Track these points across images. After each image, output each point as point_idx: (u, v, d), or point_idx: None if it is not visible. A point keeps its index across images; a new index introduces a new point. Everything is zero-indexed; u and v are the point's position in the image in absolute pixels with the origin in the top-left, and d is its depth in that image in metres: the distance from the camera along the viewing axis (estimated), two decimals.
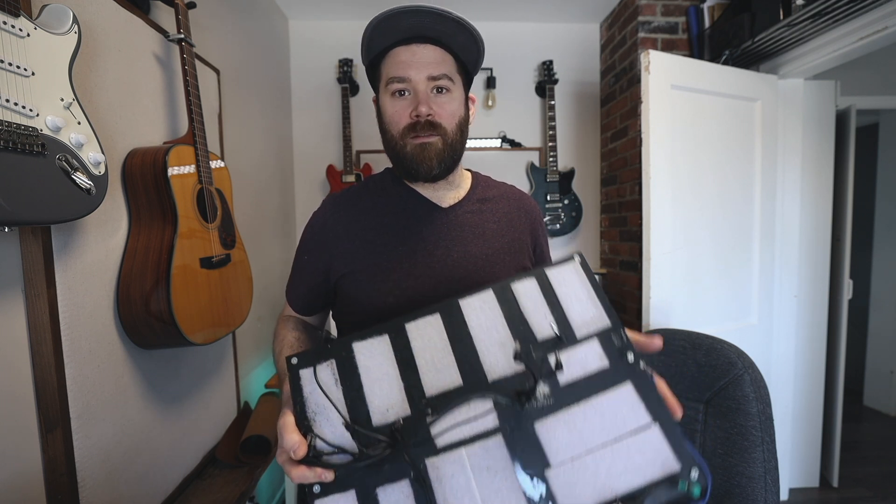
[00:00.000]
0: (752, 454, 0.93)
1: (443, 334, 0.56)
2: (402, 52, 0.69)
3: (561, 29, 2.36)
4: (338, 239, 0.75)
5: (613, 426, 0.48)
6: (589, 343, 0.54)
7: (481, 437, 0.49)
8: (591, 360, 0.53)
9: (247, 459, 1.37)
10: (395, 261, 0.72)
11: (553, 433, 0.49)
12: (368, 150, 2.30)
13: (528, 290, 0.58)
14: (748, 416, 0.95)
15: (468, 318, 0.56)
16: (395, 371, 0.54)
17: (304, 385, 0.54)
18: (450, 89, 0.71)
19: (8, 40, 0.67)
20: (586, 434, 0.48)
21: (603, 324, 0.55)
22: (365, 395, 0.53)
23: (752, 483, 0.92)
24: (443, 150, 0.71)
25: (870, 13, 1.35)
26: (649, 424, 0.48)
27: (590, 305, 0.56)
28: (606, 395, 0.50)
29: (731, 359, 1.02)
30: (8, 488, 0.75)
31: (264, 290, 1.79)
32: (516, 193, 0.86)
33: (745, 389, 0.97)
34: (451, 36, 0.69)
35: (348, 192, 0.81)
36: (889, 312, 2.87)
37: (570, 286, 0.58)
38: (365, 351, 0.55)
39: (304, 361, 0.55)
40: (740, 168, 1.73)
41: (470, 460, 0.48)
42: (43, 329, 0.80)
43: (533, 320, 0.56)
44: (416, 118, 0.69)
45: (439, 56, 0.70)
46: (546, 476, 0.46)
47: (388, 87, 0.70)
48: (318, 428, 0.51)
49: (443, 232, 0.74)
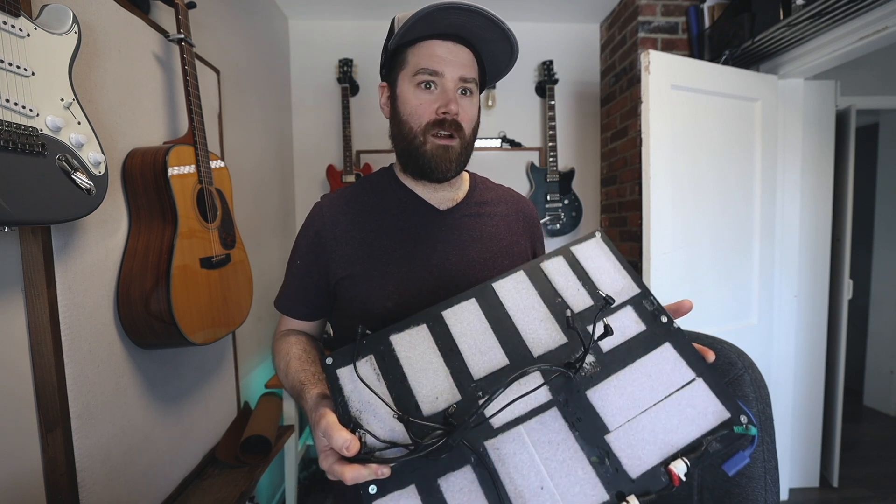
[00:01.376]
0: (752, 454, 0.93)
1: (482, 317, 0.56)
2: (439, 47, 0.68)
3: (561, 29, 2.36)
4: (336, 241, 0.73)
5: (661, 385, 0.50)
6: (624, 310, 0.56)
7: (536, 411, 0.49)
8: (629, 325, 0.54)
9: (247, 459, 1.37)
10: (393, 265, 0.71)
11: (606, 399, 0.50)
12: (368, 150, 2.30)
13: (557, 267, 0.60)
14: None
15: (504, 300, 0.57)
16: (439, 359, 0.54)
17: (343, 384, 0.52)
18: (473, 93, 0.71)
19: (8, 40, 0.67)
20: (637, 396, 0.50)
21: (633, 291, 0.57)
22: (411, 386, 0.52)
23: (752, 483, 0.92)
24: (460, 154, 0.71)
25: (870, 13, 1.35)
26: (694, 379, 0.50)
27: (618, 276, 0.59)
28: (649, 357, 0.52)
29: (731, 359, 1.02)
30: (8, 488, 0.75)
31: (264, 290, 1.79)
32: (514, 196, 0.85)
33: (745, 389, 0.97)
34: (489, 44, 0.69)
35: (345, 192, 0.79)
36: (889, 312, 2.87)
37: (596, 260, 0.60)
38: (404, 342, 0.55)
39: (341, 360, 0.54)
40: (740, 168, 1.73)
41: (530, 436, 0.48)
42: (43, 329, 0.80)
43: (567, 295, 0.57)
44: (443, 115, 0.68)
45: (471, 59, 0.70)
46: (607, 440, 0.47)
47: (416, 76, 0.68)
48: (367, 424, 0.49)
49: (440, 235, 0.74)
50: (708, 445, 0.45)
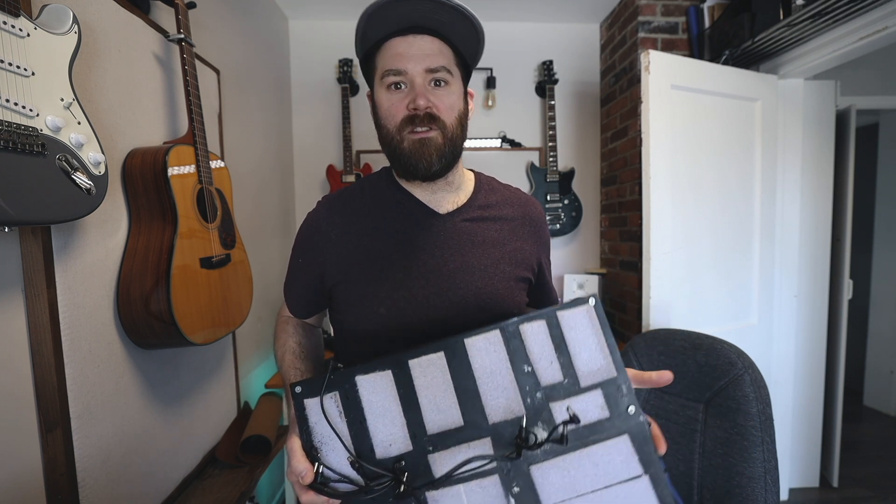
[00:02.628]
0: (752, 454, 0.93)
1: (446, 374, 0.56)
2: (398, 44, 0.66)
3: (561, 29, 2.36)
4: (331, 244, 0.72)
5: (605, 475, 0.52)
6: (592, 393, 0.55)
7: (478, 475, 0.53)
8: (592, 410, 0.54)
9: (247, 459, 1.37)
10: (389, 270, 0.69)
11: (547, 476, 0.52)
12: (368, 150, 2.30)
13: (536, 332, 0.57)
14: (748, 416, 0.95)
15: (472, 359, 0.57)
16: (398, 408, 0.56)
17: (309, 415, 0.56)
18: (448, 82, 0.67)
19: (8, 40, 0.67)
20: (579, 480, 0.52)
21: (609, 375, 0.55)
22: (369, 429, 0.55)
23: (752, 483, 0.92)
24: (443, 145, 0.67)
25: (870, 13, 1.35)
26: (640, 475, 0.51)
27: (598, 355, 0.56)
28: (602, 445, 0.53)
29: (731, 359, 1.02)
30: (8, 488, 0.75)
31: (264, 290, 1.79)
32: (522, 199, 0.82)
33: (745, 389, 0.97)
34: (450, 25, 0.66)
35: (343, 193, 0.78)
36: (889, 312, 2.87)
37: (581, 331, 0.57)
38: (368, 385, 0.56)
39: (309, 391, 0.57)
40: (740, 168, 1.72)
41: (467, 497, 0.52)
42: (43, 329, 0.80)
43: (539, 366, 0.56)
44: (413, 111, 0.65)
45: (437, 47, 0.66)
46: None
47: (384, 80, 0.67)
48: (325, 457, 0.54)
49: (439, 240, 0.71)
50: None
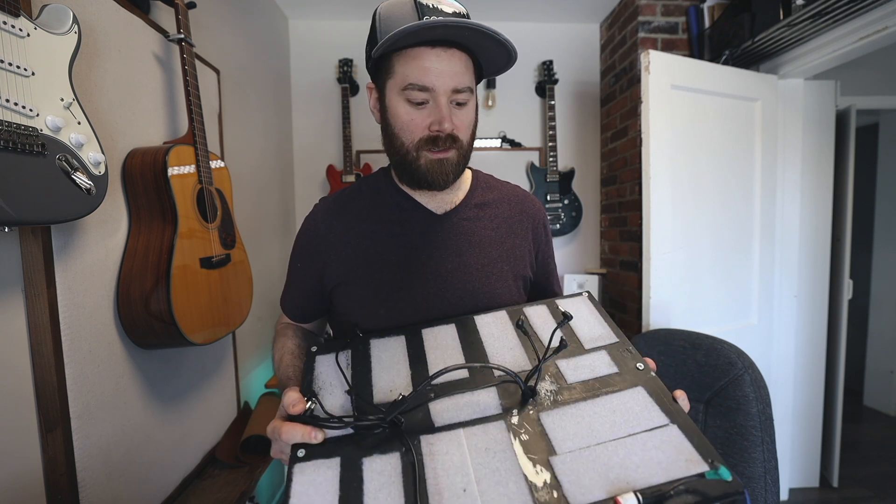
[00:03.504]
0: (752, 454, 0.93)
1: (455, 338, 0.60)
2: (427, 57, 0.61)
3: (561, 29, 2.36)
4: (331, 246, 0.72)
5: (626, 423, 0.48)
6: (597, 353, 0.56)
7: (482, 420, 0.50)
8: (600, 366, 0.55)
9: (247, 459, 1.37)
10: (389, 271, 0.69)
11: (560, 423, 0.49)
12: (368, 150, 2.30)
13: (539, 312, 0.64)
14: (748, 416, 0.95)
15: (480, 328, 0.62)
16: (406, 363, 0.58)
17: (317, 366, 0.59)
18: (468, 101, 0.66)
19: (8, 40, 0.67)
20: (596, 428, 0.48)
21: (611, 340, 0.58)
22: (372, 378, 0.57)
23: (752, 483, 0.92)
24: (458, 163, 0.68)
25: (870, 13, 1.35)
26: (667, 424, 0.47)
27: (598, 326, 0.60)
28: (617, 395, 0.51)
29: (731, 359, 1.02)
30: (8, 488, 0.74)
31: (264, 290, 1.79)
32: (519, 195, 0.81)
33: (745, 389, 0.97)
34: (484, 49, 0.64)
35: (342, 195, 0.78)
36: (889, 312, 2.87)
37: (579, 312, 0.63)
38: (381, 346, 0.61)
39: (324, 350, 0.61)
40: (740, 168, 1.72)
41: (467, 440, 0.48)
42: (43, 329, 0.80)
43: (543, 335, 0.59)
44: (436, 133, 0.64)
45: (464, 65, 0.64)
46: (551, 462, 0.45)
47: (405, 91, 0.63)
48: (321, 399, 0.54)
49: (438, 241, 0.71)
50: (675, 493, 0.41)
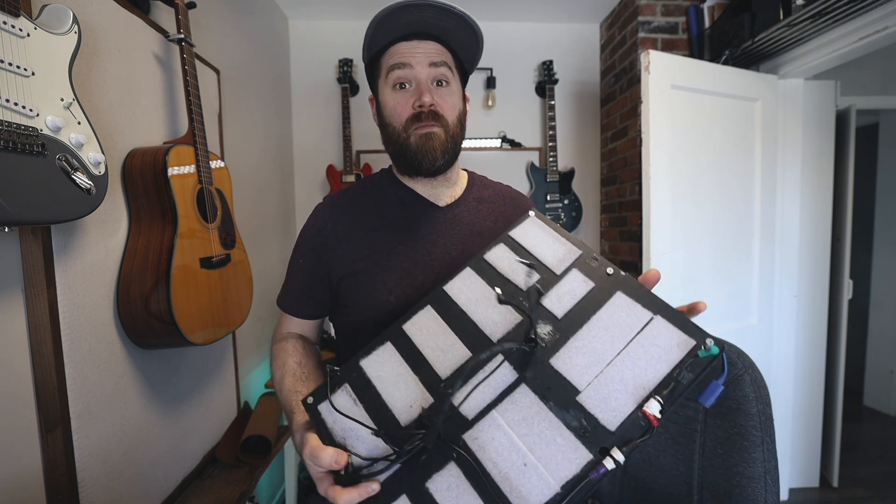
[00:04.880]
0: (752, 454, 0.93)
1: (439, 320, 0.58)
2: (404, 46, 0.70)
3: (561, 29, 2.36)
4: (338, 240, 0.75)
5: (621, 334, 0.50)
6: (570, 274, 0.57)
7: (506, 392, 0.50)
8: (578, 287, 0.55)
9: (247, 459, 1.37)
10: (395, 260, 0.72)
11: (570, 361, 0.50)
12: (368, 150, 2.30)
13: (500, 254, 0.62)
14: (748, 416, 0.95)
15: (456, 298, 0.60)
16: (407, 369, 0.55)
17: (325, 418, 0.54)
18: (449, 82, 0.72)
19: (8, 40, 0.67)
20: (599, 350, 0.50)
21: (575, 255, 0.58)
22: (385, 402, 0.54)
23: (752, 483, 0.92)
24: (445, 142, 0.71)
25: (870, 13, 1.35)
26: (651, 318, 0.50)
27: (557, 245, 0.60)
28: (603, 310, 0.53)
29: (731, 359, 1.01)
30: (8, 488, 0.75)
31: (264, 290, 1.79)
32: (512, 193, 0.86)
33: (745, 389, 0.97)
34: (452, 32, 0.71)
35: (346, 193, 0.81)
36: (889, 312, 2.87)
37: (535, 237, 0.62)
38: (373, 363, 0.57)
39: (319, 397, 0.56)
40: (740, 168, 1.72)
41: (504, 417, 0.48)
42: (43, 329, 0.80)
43: (514, 278, 0.59)
44: (419, 108, 0.69)
45: (440, 49, 0.72)
46: (580, 401, 0.47)
47: (389, 76, 0.71)
48: (351, 448, 0.51)
49: (441, 230, 0.75)
50: (679, 378, 0.45)
